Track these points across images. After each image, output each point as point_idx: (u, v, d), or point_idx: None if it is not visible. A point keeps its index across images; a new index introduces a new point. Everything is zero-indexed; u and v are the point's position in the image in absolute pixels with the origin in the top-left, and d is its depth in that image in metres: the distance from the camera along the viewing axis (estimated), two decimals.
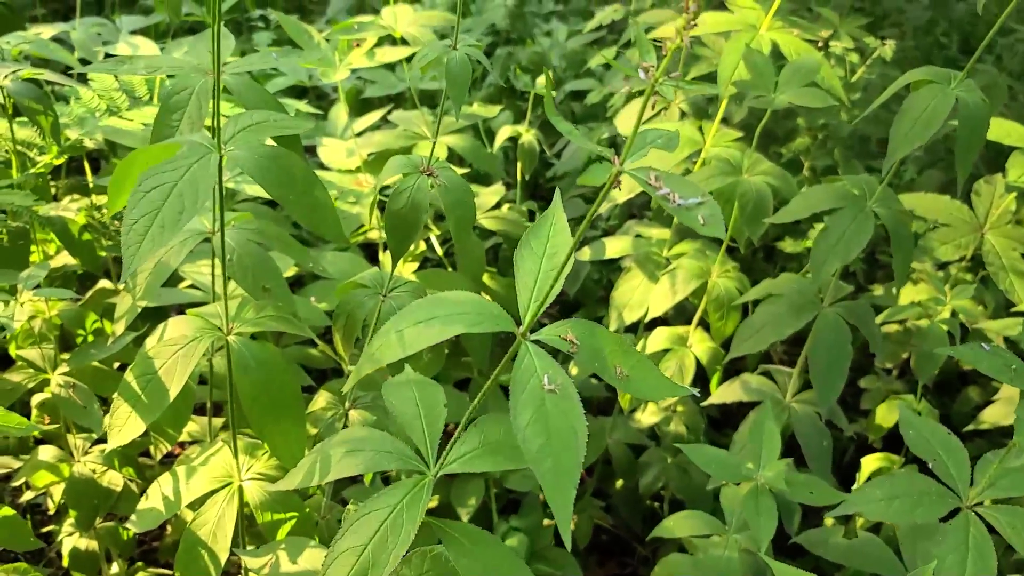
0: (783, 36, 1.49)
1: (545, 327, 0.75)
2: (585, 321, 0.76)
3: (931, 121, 1.10)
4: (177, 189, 0.92)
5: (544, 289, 0.75)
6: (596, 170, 0.61)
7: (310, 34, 1.62)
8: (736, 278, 1.54)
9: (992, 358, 0.88)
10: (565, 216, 0.81)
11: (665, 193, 0.61)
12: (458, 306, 0.74)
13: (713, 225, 0.60)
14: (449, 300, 0.74)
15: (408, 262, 1.69)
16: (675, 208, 0.61)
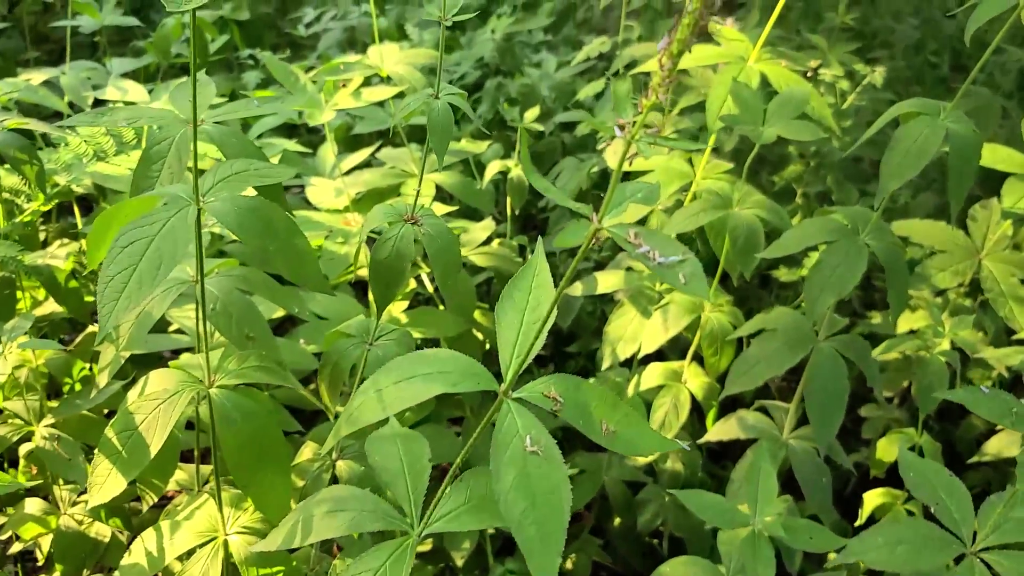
0: (771, 67, 1.49)
1: (528, 383, 0.73)
2: (569, 376, 0.74)
3: (922, 154, 1.08)
4: (155, 244, 0.91)
5: (526, 343, 0.73)
6: (573, 229, 0.59)
7: (296, 76, 1.62)
8: (729, 312, 1.52)
9: (991, 401, 0.86)
10: (547, 265, 0.80)
11: (645, 251, 0.59)
12: (439, 364, 0.72)
13: (695, 284, 0.58)
14: (430, 358, 0.73)
15: (398, 300, 1.67)
16: (655, 266, 0.59)
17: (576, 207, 0.62)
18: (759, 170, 2.18)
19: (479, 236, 1.80)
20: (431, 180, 1.68)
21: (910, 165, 1.07)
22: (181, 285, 1.17)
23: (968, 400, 0.86)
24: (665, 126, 1.78)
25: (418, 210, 1.02)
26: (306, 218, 1.64)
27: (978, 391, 0.87)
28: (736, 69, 1.45)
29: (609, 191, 0.61)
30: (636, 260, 0.59)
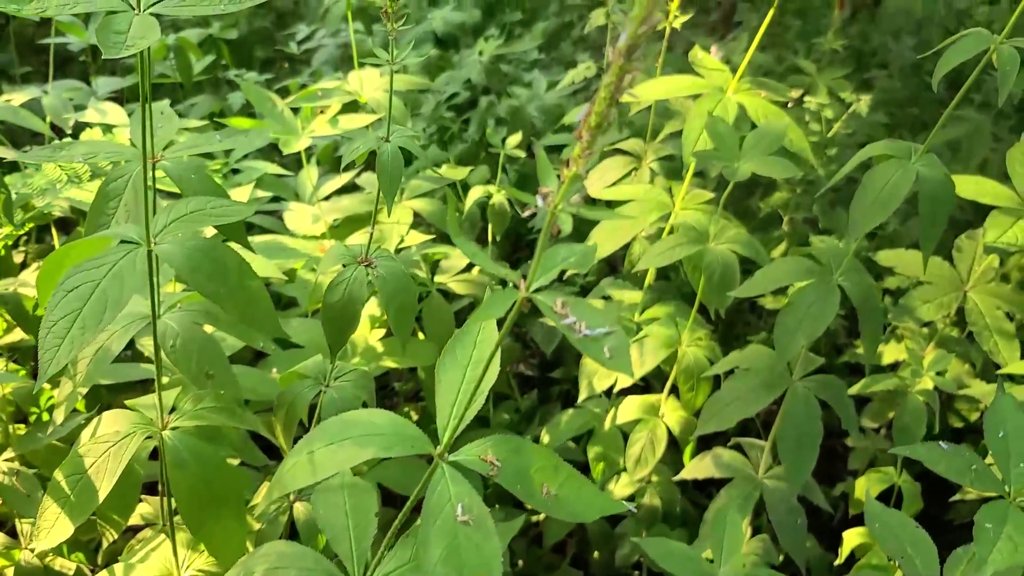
0: (750, 99, 1.47)
1: (465, 446, 0.71)
2: (509, 438, 0.72)
3: (892, 198, 1.06)
4: (101, 288, 0.89)
5: (464, 403, 0.71)
6: (499, 298, 0.57)
7: (273, 101, 1.60)
8: (707, 347, 1.49)
9: (951, 458, 0.83)
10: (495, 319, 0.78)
11: (571, 322, 0.57)
12: (372, 426, 0.70)
13: (619, 361, 0.56)
14: (363, 420, 0.71)
15: (375, 328, 1.66)
16: (580, 339, 0.57)
17: (503, 273, 0.60)
18: (746, 195, 2.16)
19: (459, 263, 1.79)
20: (409, 207, 1.66)
21: (879, 210, 1.05)
22: (141, 320, 1.15)
23: (927, 457, 0.83)
24: (647, 153, 1.76)
25: (374, 252, 1.00)
26: (281, 244, 1.62)
27: (938, 448, 0.84)
28: (713, 101, 1.43)
29: (536, 256, 0.59)
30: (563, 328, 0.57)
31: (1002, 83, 0.95)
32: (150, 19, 0.85)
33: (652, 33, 1.36)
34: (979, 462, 0.84)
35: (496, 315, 0.56)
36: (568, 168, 0.53)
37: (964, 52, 0.99)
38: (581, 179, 0.52)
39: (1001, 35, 0.99)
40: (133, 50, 0.80)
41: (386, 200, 0.96)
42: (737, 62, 2.11)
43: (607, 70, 0.50)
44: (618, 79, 0.49)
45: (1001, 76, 0.95)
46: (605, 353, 0.56)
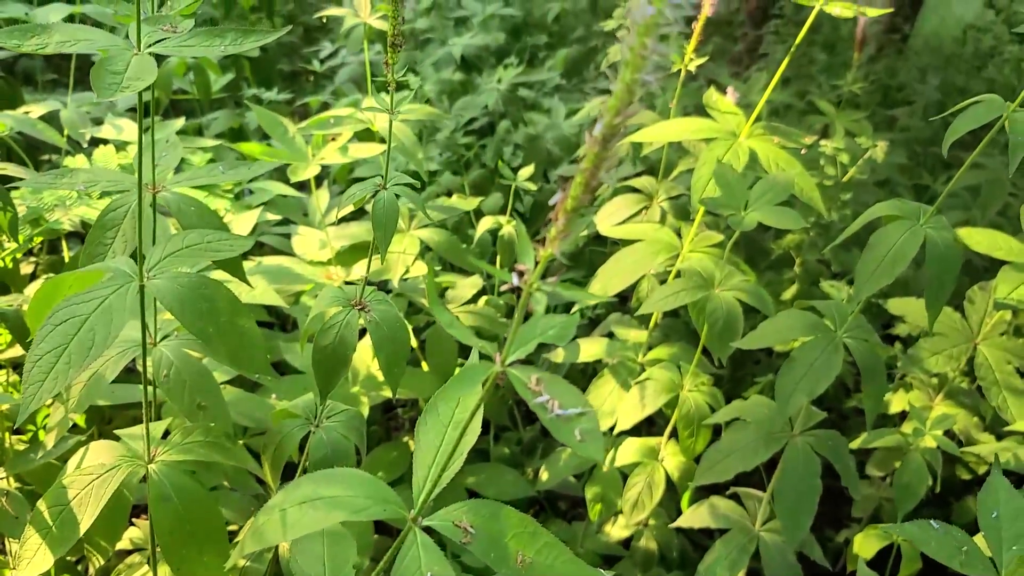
0: (762, 145, 1.45)
1: (441, 510, 0.70)
2: (487, 503, 0.71)
3: (897, 260, 1.04)
4: (89, 323, 0.89)
5: (441, 464, 0.70)
6: (471, 372, 0.56)
7: (285, 128, 1.60)
8: (708, 393, 1.47)
9: (941, 538, 0.81)
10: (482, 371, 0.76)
11: (544, 401, 0.56)
12: (346, 487, 0.69)
13: (590, 444, 0.54)
14: (338, 478, 0.69)
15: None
16: (552, 419, 0.55)
17: (479, 345, 0.59)
18: (760, 234, 2.14)
19: (465, 293, 1.78)
20: (416, 236, 1.66)
21: (885, 272, 1.03)
22: (137, 347, 1.15)
23: (918, 537, 0.81)
24: (659, 192, 1.74)
25: (369, 295, 0.99)
26: (287, 269, 1.62)
27: (929, 527, 0.82)
28: (725, 146, 1.42)
29: (513, 329, 0.58)
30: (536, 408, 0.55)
31: (1013, 152, 0.93)
32: (148, 59, 0.85)
33: (668, 72, 1.34)
34: (970, 543, 0.81)
35: (468, 391, 0.55)
36: (544, 248, 0.52)
37: (975, 120, 0.97)
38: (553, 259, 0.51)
39: (1015, 103, 0.97)
40: (129, 92, 0.80)
41: (380, 249, 0.95)
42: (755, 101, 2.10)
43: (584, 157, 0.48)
44: (594, 166, 0.48)
45: (1012, 146, 0.93)
46: (576, 436, 0.54)
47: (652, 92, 2.13)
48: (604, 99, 2.09)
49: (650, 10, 0.43)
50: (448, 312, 0.60)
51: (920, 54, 4.28)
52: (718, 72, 3.24)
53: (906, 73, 3.99)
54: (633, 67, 0.45)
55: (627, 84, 0.45)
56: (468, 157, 2.30)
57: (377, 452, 1.62)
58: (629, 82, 0.45)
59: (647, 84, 0.46)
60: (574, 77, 3.18)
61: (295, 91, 3.57)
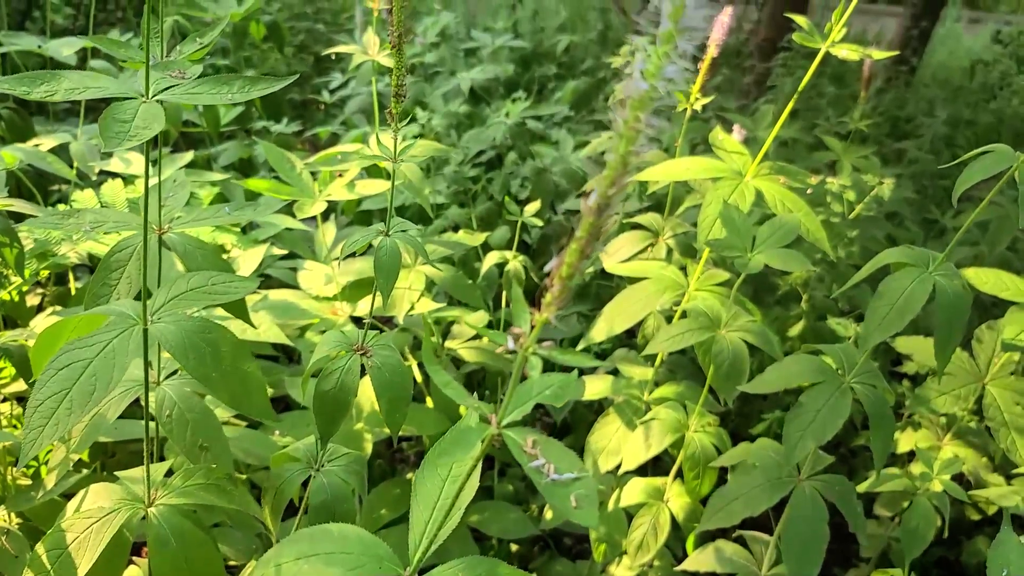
0: (768, 185, 1.44)
1: (437, 568, 0.69)
2: (484, 560, 0.70)
3: (907, 309, 1.03)
4: (92, 368, 0.89)
5: (439, 520, 0.69)
6: (466, 434, 0.56)
7: (292, 163, 1.61)
8: (714, 434, 1.46)
9: None
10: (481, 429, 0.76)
11: (539, 465, 0.55)
12: (343, 543, 0.68)
13: (586, 512, 0.53)
14: (334, 535, 0.69)
15: None
16: (546, 484, 0.55)
17: (474, 404, 0.58)
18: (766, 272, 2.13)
19: (471, 329, 1.77)
20: (422, 272, 1.66)
21: (895, 320, 1.02)
22: (139, 387, 1.14)
23: None
24: (665, 229, 1.74)
25: (370, 340, 0.99)
26: (293, 304, 1.62)
27: None
28: (730, 186, 1.41)
29: (510, 390, 0.58)
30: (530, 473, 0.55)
31: (1023, 204, 0.93)
32: (156, 107, 0.85)
33: (672, 111, 1.33)
34: None
35: (463, 455, 0.54)
36: (539, 313, 0.52)
37: (984, 171, 0.96)
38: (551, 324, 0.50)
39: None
40: (136, 141, 0.80)
41: (382, 297, 0.95)
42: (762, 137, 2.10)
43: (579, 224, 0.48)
44: (590, 236, 0.48)
45: (1022, 197, 0.92)
46: (572, 502, 0.54)
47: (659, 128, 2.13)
48: (610, 134, 2.10)
49: (643, 86, 0.43)
50: (443, 373, 0.59)
51: (929, 86, 4.29)
52: (726, 104, 3.25)
53: (914, 105, 3.99)
54: (627, 141, 0.44)
55: (621, 156, 0.45)
56: (476, 190, 2.31)
57: (380, 489, 1.61)
58: (623, 154, 0.45)
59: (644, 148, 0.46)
60: (582, 109, 3.20)
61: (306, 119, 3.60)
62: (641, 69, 0.43)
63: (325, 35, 4.01)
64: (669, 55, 0.42)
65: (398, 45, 0.88)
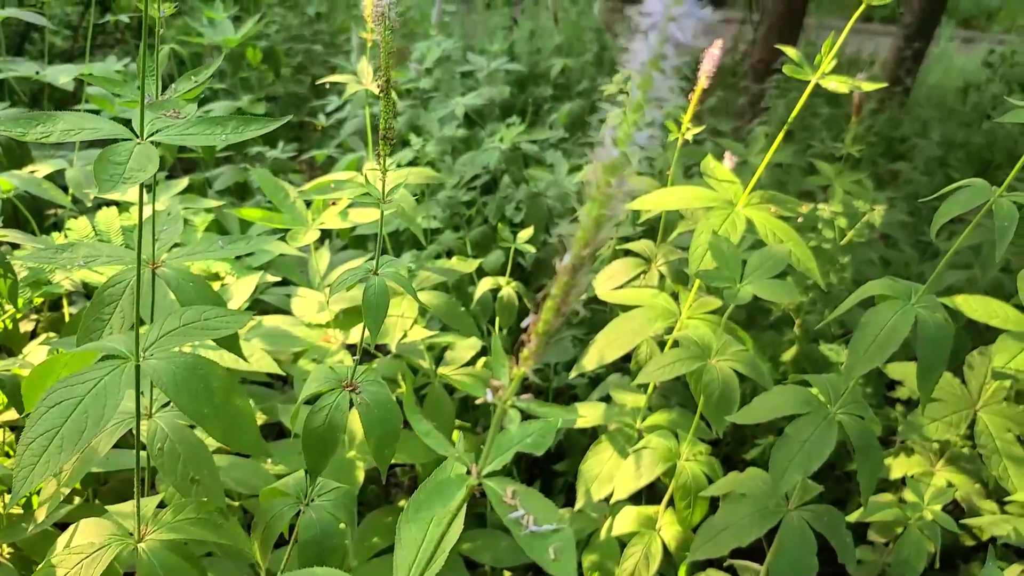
0: (759, 214, 1.46)
1: None
2: None
3: (889, 341, 1.04)
4: (83, 405, 0.89)
5: (423, 562, 0.70)
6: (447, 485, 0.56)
7: (286, 192, 1.62)
8: (706, 463, 1.47)
9: None
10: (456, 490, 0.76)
11: (519, 516, 0.56)
12: None
13: (564, 563, 0.54)
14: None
15: None
16: (525, 536, 0.56)
17: (455, 455, 0.59)
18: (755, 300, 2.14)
19: (464, 355, 1.78)
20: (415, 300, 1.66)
21: (877, 353, 1.03)
22: (131, 420, 1.15)
23: None
24: (657, 256, 1.75)
25: (359, 375, 1.00)
26: (285, 332, 1.63)
27: None
28: (721, 216, 1.43)
29: (489, 439, 0.58)
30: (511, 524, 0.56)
31: (1000, 239, 0.94)
32: (151, 149, 0.86)
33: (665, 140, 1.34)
34: None
35: (443, 506, 0.55)
36: (516, 366, 0.53)
37: (961, 206, 0.97)
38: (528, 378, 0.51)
39: (1000, 188, 0.98)
40: (131, 184, 0.81)
41: (370, 336, 0.96)
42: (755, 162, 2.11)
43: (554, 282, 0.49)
44: (564, 294, 0.49)
45: (999, 232, 0.94)
46: (550, 554, 0.54)
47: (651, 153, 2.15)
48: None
49: (614, 152, 0.44)
50: (425, 422, 0.60)
51: (923, 106, 4.32)
52: (721, 126, 3.28)
53: (909, 126, 4.02)
54: (599, 204, 0.46)
55: (594, 219, 0.46)
56: (470, 214, 2.32)
57: (373, 516, 1.62)
58: (596, 217, 0.46)
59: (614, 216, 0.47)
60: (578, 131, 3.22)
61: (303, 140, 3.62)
62: (612, 136, 0.44)
63: (323, 56, 4.03)
64: (639, 124, 0.43)
65: (385, 89, 0.89)
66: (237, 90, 2.97)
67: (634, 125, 0.43)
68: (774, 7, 3.99)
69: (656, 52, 0.41)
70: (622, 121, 0.44)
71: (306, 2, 3.95)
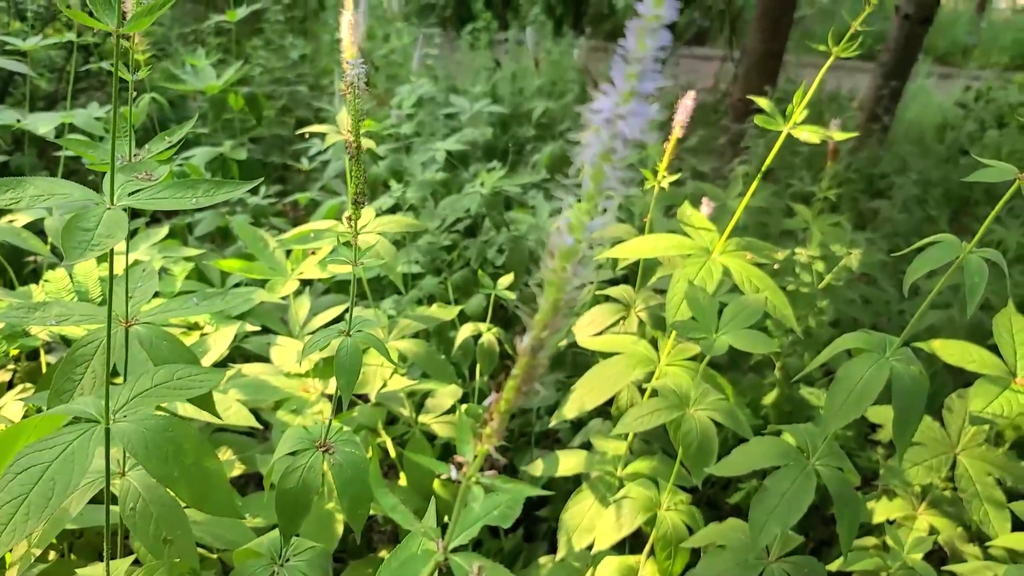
0: (735, 261, 1.47)
1: None
2: None
3: (864, 395, 1.04)
4: (51, 471, 0.88)
5: None
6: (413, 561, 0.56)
7: (265, 242, 1.63)
8: (686, 512, 1.46)
9: None
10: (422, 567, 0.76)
11: None
12: None
13: None
14: None
15: None
16: None
17: (420, 529, 0.58)
18: None
19: (444, 403, 1.77)
20: (395, 347, 1.66)
21: (852, 407, 1.03)
22: (103, 479, 1.14)
23: None
24: (636, 302, 1.76)
25: (334, 434, 0.99)
26: (264, 383, 1.62)
27: None
28: (698, 265, 1.44)
29: (455, 515, 0.58)
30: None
31: (970, 295, 0.95)
32: (120, 215, 0.86)
33: (641, 185, 1.35)
34: None
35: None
36: (480, 444, 0.53)
37: (932, 262, 0.98)
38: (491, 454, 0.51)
39: (970, 245, 0.99)
40: (99, 251, 0.81)
41: (343, 397, 0.96)
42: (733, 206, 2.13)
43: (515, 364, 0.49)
44: (526, 375, 0.49)
45: (969, 288, 0.95)
46: None
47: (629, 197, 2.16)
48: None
49: (568, 240, 0.44)
50: (390, 496, 0.60)
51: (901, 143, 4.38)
52: (701, 166, 3.31)
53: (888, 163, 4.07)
54: (556, 288, 0.46)
55: (552, 302, 0.46)
56: (451, 258, 2.32)
57: (353, 568, 1.60)
58: (553, 301, 0.46)
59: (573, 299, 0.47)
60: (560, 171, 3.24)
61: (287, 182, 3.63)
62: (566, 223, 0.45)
63: (306, 99, 4.06)
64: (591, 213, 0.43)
65: (355, 155, 0.89)
66: (219, 134, 2.98)
67: (587, 214, 0.44)
68: (753, 46, 4.06)
69: (606, 147, 0.41)
70: (575, 209, 0.44)
71: (290, 46, 3.98)
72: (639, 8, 0.39)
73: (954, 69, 8.65)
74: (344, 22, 1.59)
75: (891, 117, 4.49)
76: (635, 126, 0.40)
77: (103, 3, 0.84)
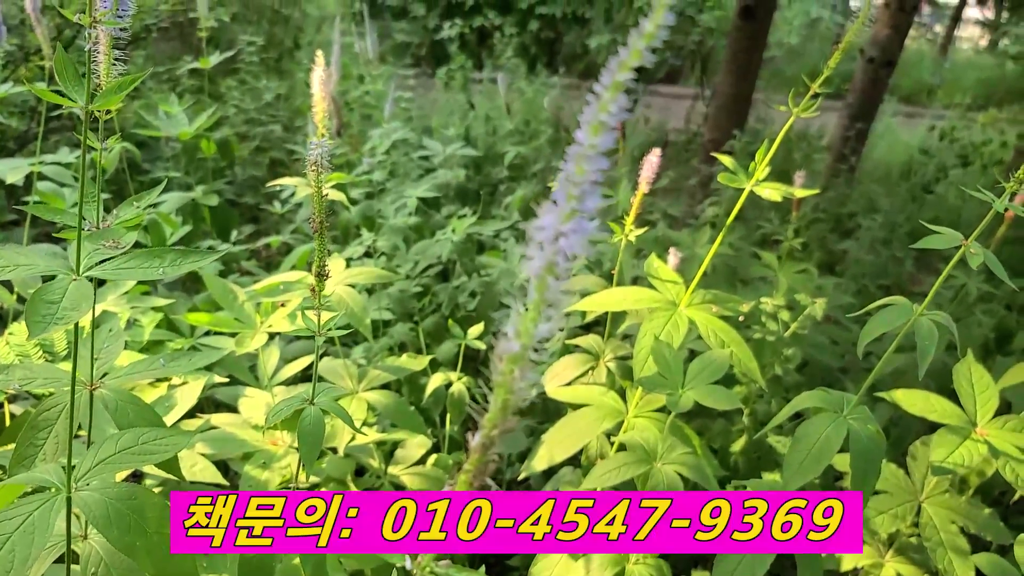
0: (700, 315, 1.49)
1: None
2: None
3: (823, 454, 1.06)
4: (10, 544, 0.88)
5: None
6: None
7: (235, 295, 1.63)
8: (654, 566, 1.46)
9: None
10: None
11: None
12: None
13: None
14: None
15: None
16: None
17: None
18: None
19: (414, 454, 1.77)
20: (364, 399, 1.66)
21: (811, 466, 1.05)
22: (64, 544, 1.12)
23: None
24: (605, 352, 1.77)
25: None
26: (231, 436, 1.61)
27: None
28: (664, 318, 1.46)
29: None
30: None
31: (921, 357, 0.97)
32: (86, 285, 0.87)
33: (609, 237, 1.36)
34: None
35: None
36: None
37: (885, 324, 1.01)
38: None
39: (921, 307, 1.02)
40: (63, 324, 0.81)
41: (305, 468, 0.96)
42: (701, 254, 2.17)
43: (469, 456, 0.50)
44: (477, 470, 0.50)
45: (920, 351, 0.97)
46: None
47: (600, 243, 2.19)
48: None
49: (515, 347, 0.46)
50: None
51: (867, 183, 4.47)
52: (671, 209, 3.35)
53: (855, 202, 4.15)
54: (505, 389, 0.47)
55: (501, 403, 0.48)
56: (423, 304, 2.33)
57: None
58: (503, 402, 0.47)
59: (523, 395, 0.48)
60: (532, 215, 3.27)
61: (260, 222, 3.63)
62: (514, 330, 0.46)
63: (280, 139, 4.07)
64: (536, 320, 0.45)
65: (320, 231, 0.91)
66: (192, 176, 2.98)
67: (533, 321, 0.45)
68: (723, 89, 4.14)
69: (550, 261, 0.43)
70: (522, 317, 0.46)
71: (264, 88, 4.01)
72: (577, 136, 0.40)
73: (919, 108, 8.85)
74: (315, 78, 1.61)
75: (857, 158, 4.59)
76: (576, 242, 0.42)
77: (73, 79, 0.85)
